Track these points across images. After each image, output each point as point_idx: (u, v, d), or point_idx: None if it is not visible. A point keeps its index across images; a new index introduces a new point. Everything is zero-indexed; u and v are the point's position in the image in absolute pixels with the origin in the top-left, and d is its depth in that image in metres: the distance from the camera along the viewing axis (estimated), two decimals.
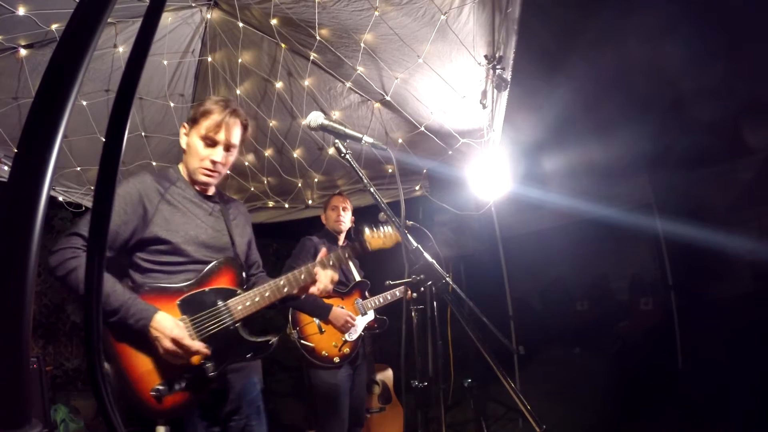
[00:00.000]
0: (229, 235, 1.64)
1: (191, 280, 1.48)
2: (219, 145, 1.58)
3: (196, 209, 1.60)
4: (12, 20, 2.03)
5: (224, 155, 1.59)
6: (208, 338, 1.43)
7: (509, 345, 3.42)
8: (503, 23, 2.26)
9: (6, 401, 0.37)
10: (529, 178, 5.03)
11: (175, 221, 1.52)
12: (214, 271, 1.52)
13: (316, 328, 2.69)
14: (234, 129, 1.60)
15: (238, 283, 1.54)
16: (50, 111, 0.37)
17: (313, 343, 2.64)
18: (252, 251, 1.81)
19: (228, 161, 1.63)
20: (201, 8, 2.65)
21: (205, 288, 1.48)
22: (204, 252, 1.54)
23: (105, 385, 0.42)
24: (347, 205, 3.02)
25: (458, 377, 3.72)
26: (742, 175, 5.90)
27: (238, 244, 1.67)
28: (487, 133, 2.97)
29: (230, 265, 1.55)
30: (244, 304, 1.49)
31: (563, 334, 6.61)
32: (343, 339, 2.68)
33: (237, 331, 1.48)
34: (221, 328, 1.45)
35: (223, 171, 1.63)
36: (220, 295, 1.48)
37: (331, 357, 2.64)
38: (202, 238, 1.55)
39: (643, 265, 6.76)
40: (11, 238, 0.37)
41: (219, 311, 1.46)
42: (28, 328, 0.37)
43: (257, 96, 3.15)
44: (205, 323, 1.44)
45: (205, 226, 1.59)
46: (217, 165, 1.58)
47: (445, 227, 4.02)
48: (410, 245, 1.43)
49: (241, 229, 1.73)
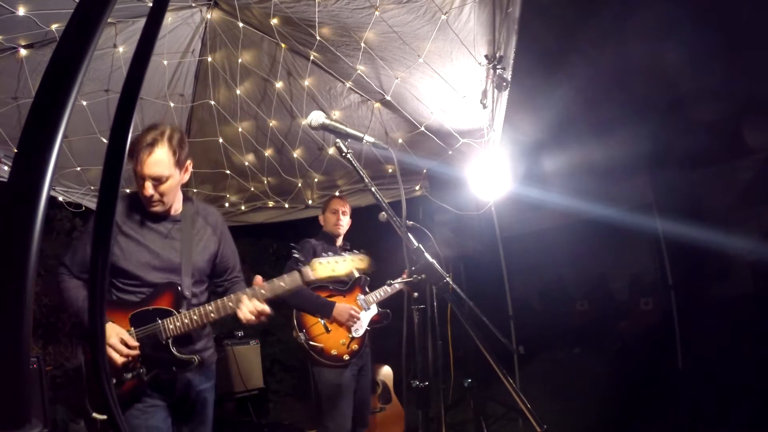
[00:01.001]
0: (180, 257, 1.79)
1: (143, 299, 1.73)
2: (146, 180, 1.67)
3: (151, 234, 1.77)
4: (12, 20, 2.04)
5: (154, 186, 1.67)
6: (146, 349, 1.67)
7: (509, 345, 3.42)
8: (504, 23, 2.26)
9: (6, 401, 0.37)
10: (529, 178, 5.02)
11: (129, 250, 1.73)
12: (158, 293, 1.73)
13: (322, 328, 2.68)
14: (150, 161, 1.64)
15: (175, 305, 1.72)
16: (50, 111, 0.37)
17: (321, 343, 2.64)
18: (220, 260, 1.93)
19: (161, 190, 1.69)
20: (201, 8, 2.65)
21: (150, 307, 1.71)
22: (156, 275, 1.74)
23: (110, 385, 0.42)
24: (346, 209, 3.01)
25: (458, 377, 3.72)
26: (742, 175, 5.90)
27: (194, 262, 1.81)
28: (487, 133, 2.97)
29: (170, 290, 1.74)
30: (175, 324, 1.68)
31: (563, 334, 6.60)
32: (350, 336, 2.69)
33: (168, 346, 1.69)
34: (156, 341, 1.68)
35: (164, 198, 1.72)
36: (159, 314, 1.69)
37: (340, 355, 2.64)
38: (153, 263, 1.75)
39: (643, 265, 6.75)
40: (11, 238, 0.37)
41: (155, 327, 1.68)
42: (28, 328, 0.37)
43: (257, 96, 3.15)
44: (146, 335, 1.67)
45: (158, 251, 1.76)
46: (153, 197, 1.69)
47: (445, 227, 4.01)
48: (411, 245, 1.43)
49: (204, 244, 1.86)
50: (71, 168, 3.03)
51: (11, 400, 0.37)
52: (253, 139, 3.40)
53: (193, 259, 1.81)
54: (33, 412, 0.38)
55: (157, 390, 1.72)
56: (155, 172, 1.66)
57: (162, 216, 1.79)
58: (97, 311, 0.42)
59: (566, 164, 5.71)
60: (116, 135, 0.40)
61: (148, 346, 1.66)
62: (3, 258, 0.36)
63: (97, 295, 0.41)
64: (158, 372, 1.69)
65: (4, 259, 0.36)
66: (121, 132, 0.40)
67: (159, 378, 1.70)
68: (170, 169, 1.69)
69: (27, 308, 0.37)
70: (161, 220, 1.80)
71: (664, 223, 5.24)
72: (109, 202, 0.40)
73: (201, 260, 1.84)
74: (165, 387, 1.74)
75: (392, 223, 1.50)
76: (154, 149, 1.65)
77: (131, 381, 1.65)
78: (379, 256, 2.13)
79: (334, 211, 2.97)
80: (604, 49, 5.04)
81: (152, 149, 1.64)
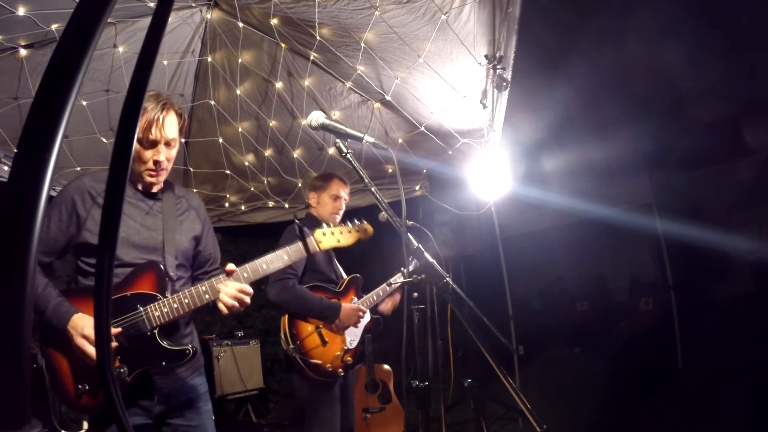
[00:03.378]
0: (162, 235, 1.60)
1: (118, 283, 1.48)
2: (158, 144, 1.55)
3: (132, 210, 1.59)
4: (12, 20, 2.04)
5: (166, 152, 1.57)
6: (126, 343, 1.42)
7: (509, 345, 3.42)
8: (504, 23, 2.26)
9: (6, 401, 0.37)
10: (529, 178, 5.02)
11: None
12: (137, 275, 1.50)
13: (318, 340, 2.42)
14: (167, 123, 1.55)
15: (159, 288, 1.50)
16: (50, 111, 0.37)
17: (317, 359, 2.38)
18: (203, 247, 1.75)
19: (170, 156, 1.60)
20: (201, 8, 2.65)
21: (128, 293, 1.46)
22: (134, 254, 1.53)
23: (116, 386, 0.42)
24: (348, 196, 2.68)
25: (458, 377, 3.72)
26: (742, 175, 5.89)
27: (178, 242, 1.63)
28: (487, 133, 2.97)
29: (151, 269, 1.51)
30: (162, 310, 1.45)
31: (563, 334, 6.60)
32: (345, 348, 2.47)
33: (155, 337, 1.46)
34: (139, 333, 1.44)
35: (168, 167, 1.61)
36: (140, 300, 1.46)
37: (335, 369, 2.42)
38: (133, 239, 1.54)
39: (643, 265, 6.74)
40: (11, 238, 0.37)
41: (137, 316, 1.44)
42: (28, 328, 0.37)
43: (257, 96, 3.15)
44: (125, 327, 1.43)
45: (138, 226, 1.57)
46: (161, 164, 1.57)
47: (445, 227, 4.01)
48: (411, 245, 1.43)
49: (187, 225, 1.70)
50: (71, 168, 3.03)
51: (11, 400, 0.37)
52: (253, 139, 3.40)
53: (177, 238, 1.63)
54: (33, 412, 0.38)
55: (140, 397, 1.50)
56: (171, 135, 1.57)
57: (144, 192, 1.63)
58: (104, 313, 0.42)
59: (566, 164, 5.71)
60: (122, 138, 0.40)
61: (130, 339, 1.42)
62: (3, 258, 0.36)
63: (104, 298, 0.41)
64: (144, 369, 1.46)
65: (4, 259, 0.36)
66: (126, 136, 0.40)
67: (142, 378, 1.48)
68: (178, 135, 1.62)
69: (27, 308, 0.37)
70: (143, 195, 1.63)
71: (664, 223, 5.24)
72: (116, 203, 0.40)
73: (185, 240, 1.66)
74: (149, 389, 1.52)
75: (392, 223, 1.50)
76: (170, 111, 1.57)
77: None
78: (378, 256, 2.12)
79: (335, 197, 2.62)
80: (604, 49, 5.04)
81: (169, 110, 1.56)
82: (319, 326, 2.45)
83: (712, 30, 4.64)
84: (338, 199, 2.62)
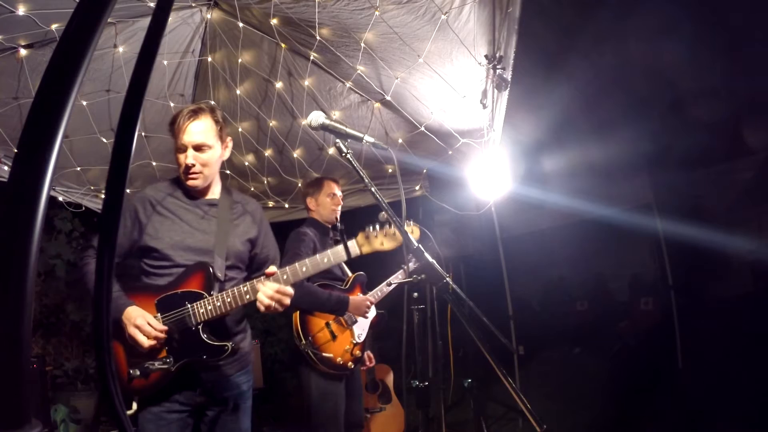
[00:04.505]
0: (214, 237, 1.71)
1: (171, 282, 1.63)
2: (187, 149, 1.66)
3: (188, 215, 1.71)
4: (12, 20, 2.03)
5: (194, 155, 1.67)
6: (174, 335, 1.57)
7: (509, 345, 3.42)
8: (504, 22, 2.26)
9: (6, 401, 0.37)
10: (529, 178, 5.02)
11: (163, 229, 1.67)
12: (188, 274, 1.63)
13: (328, 335, 2.53)
14: (192, 128, 1.66)
15: (206, 287, 1.61)
16: (50, 111, 0.37)
17: (329, 352, 2.48)
18: (260, 249, 1.83)
19: (203, 160, 1.68)
20: (201, 8, 2.65)
21: (178, 290, 1.61)
22: (189, 256, 1.66)
23: (115, 384, 0.42)
24: (341, 191, 2.81)
25: (458, 377, 3.72)
26: (742, 175, 5.89)
27: (231, 245, 1.72)
28: (487, 133, 2.97)
29: (200, 270, 1.64)
30: (206, 307, 1.57)
31: (563, 334, 6.60)
32: (353, 342, 2.58)
33: (198, 332, 1.58)
34: (185, 327, 1.57)
35: (204, 170, 1.69)
36: (188, 298, 1.59)
37: (345, 363, 2.52)
38: (187, 242, 1.67)
39: (643, 265, 6.74)
40: (11, 238, 0.37)
41: (184, 312, 1.58)
42: (28, 328, 0.37)
43: (257, 96, 3.15)
44: (173, 321, 1.58)
45: (192, 230, 1.69)
46: (193, 167, 1.67)
47: (445, 227, 4.01)
48: (411, 245, 1.43)
49: (242, 228, 1.78)
50: (71, 168, 3.03)
51: (11, 400, 0.37)
52: (253, 139, 3.40)
53: (229, 240, 1.72)
54: (33, 412, 0.38)
55: (184, 387, 1.62)
56: (197, 140, 1.66)
57: (200, 198, 1.75)
58: (104, 308, 0.42)
59: (566, 164, 5.71)
60: (121, 137, 0.40)
61: (176, 332, 1.56)
62: (3, 258, 0.36)
63: (104, 293, 0.41)
64: (187, 361, 1.57)
65: (4, 259, 0.36)
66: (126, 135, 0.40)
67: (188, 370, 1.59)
68: (212, 140, 1.69)
69: (27, 308, 0.37)
70: (199, 202, 1.75)
71: (664, 223, 5.24)
72: (116, 204, 0.40)
73: (238, 242, 1.74)
74: (193, 381, 1.63)
75: (392, 223, 1.50)
76: (198, 117, 1.67)
77: (158, 371, 1.53)
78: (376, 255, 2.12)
79: (332, 195, 2.73)
80: (604, 49, 5.04)
81: (195, 117, 1.67)
82: (329, 322, 2.56)
83: (712, 30, 4.64)
84: (334, 196, 2.75)
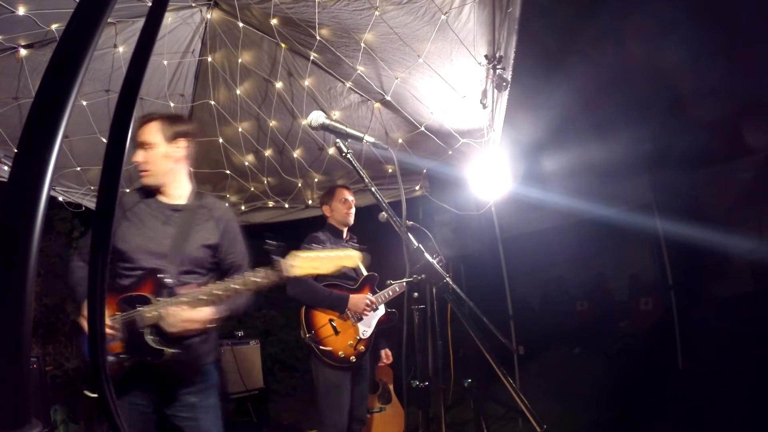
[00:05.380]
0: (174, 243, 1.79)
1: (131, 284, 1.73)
2: (136, 148, 1.81)
3: (151, 220, 1.82)
4: (12, 20, 2.04)
5: (142, 154, 1.80)
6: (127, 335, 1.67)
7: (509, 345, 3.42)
8: (504, 22, 2.26)
9: (6, 401, 0.37)
10: (529, 178, 5.02)
11: (129, 233, 1.78)
12: (143, 278, 1.73)
13: (331, 330, 2.68)
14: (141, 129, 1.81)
15: (155, 292, 1.69)
16: (50, 111, 0.37)
17: (329, 346, 2.64)
18: (226, 255, 1.88)
19: (148, 157, 1.80)
20: (201, 8, 2.65)
21: (134, 293, 1.70)
22: (150, 260, 1.75)
23: (109, 385, 0.42)
24: (352, 196, 2.97)
25: (458, 377, 3.72)
26: (742, 175, 5.89)
27: (186, 250, 1.79)
28: (487, 133, 2.97)
29: (151, 276, 1.72)
30: (152, 312, 1.65)
31: (563, 334, 6.60)
32: (358, 337, 2.70)
33: (143, 335, 1.65)
34: (133, 329, 1.66)
35: (151, 167, 1.80)
36: (139, 301, 1.68)
37: (347, 357, 2.66)
38: (148, 246, 1.77)
39: (643, 265, 6.74)
40: (11, 238, 0.37)
41: (135, 314, 1.66)
42: (28, 328, 0.37)
43: (257, 96, 3.15)
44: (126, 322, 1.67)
45: (152, 235, 1.79)
46: (141, 165, 1.80)
47: (445, 227, 4.01)
48: (411, 245, 1.43)
49: (201, 234, 1.84)
50: (71, 168, 3.03)
51: (11, 400, 0.37)
52: (253, 140, 3.40)
53: (185, 247, 1.79)
54: (33, 412, 0.38)
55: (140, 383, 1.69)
56: (141, 138, 1.80)
57: (166, 203, 1.85)
58: (97, 310, 0.42)
59: (566, 164, 5.71)
60: (115, 135, 0.40)
61: (127, 332, 1.65)
62: (3, 258, 0.36)
63: (98, 296, 0.41)
64: (138, 360, 1.66)
65: (4, 259, 0.36)
66: (120, 132, 0.39)
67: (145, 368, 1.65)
68: (156, 138, 1.80)
69: (27, 308, 0.37)
70: (164, 207, 1.84)
71: (664, 223, 5.23)
72: (109, 202, 0.40)
73: (193, 249, 1.81)
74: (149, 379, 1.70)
75: (392, 223, 1.50)
76: (149, 122, 1.83)
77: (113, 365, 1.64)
78: (384, 255, 2.12)
79: (344, 201, 2.91)
80: (604, 49, 5.04)
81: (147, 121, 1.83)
82: (332, 318, 2.70)
83: (712, 30, 4.64)
84: (346, 201, 2.91)
